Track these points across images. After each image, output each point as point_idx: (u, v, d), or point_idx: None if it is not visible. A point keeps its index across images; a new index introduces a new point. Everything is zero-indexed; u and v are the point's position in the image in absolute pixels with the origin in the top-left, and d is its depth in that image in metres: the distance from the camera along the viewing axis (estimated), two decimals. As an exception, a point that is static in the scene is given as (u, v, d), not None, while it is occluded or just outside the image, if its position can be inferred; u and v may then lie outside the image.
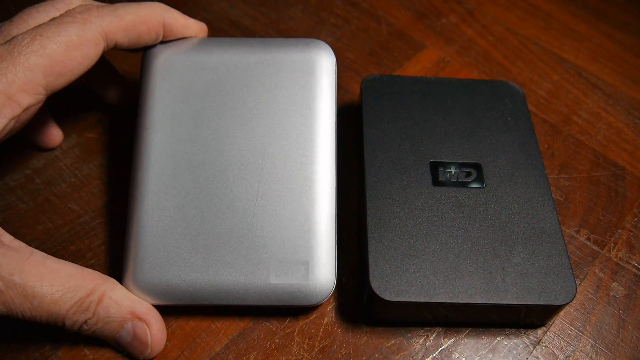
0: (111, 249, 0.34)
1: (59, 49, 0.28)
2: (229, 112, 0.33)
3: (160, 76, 0.33)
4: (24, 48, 0.27)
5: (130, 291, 0.30)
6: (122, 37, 0.31)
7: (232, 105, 0.33)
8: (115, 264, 0.33)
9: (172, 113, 0.33)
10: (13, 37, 0.28)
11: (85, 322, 0.27)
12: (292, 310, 0.32)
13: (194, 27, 0.34)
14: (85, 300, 0.27)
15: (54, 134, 0.38)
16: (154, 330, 0.29)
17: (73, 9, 0.30)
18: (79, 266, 0.28)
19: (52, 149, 0.38)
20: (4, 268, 0.25)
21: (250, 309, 0.32)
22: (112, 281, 0.29)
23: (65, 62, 0.28)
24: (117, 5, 0.31)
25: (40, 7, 0.31)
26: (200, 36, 0.35)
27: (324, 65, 0.34)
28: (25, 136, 0.37)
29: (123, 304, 0.28)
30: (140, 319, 0.29)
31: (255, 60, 0.34)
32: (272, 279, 0.30)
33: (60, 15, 0.29)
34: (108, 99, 0.39)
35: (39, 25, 0.28)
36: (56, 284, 0.26)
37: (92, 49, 0.29)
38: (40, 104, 0.29)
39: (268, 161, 0.32)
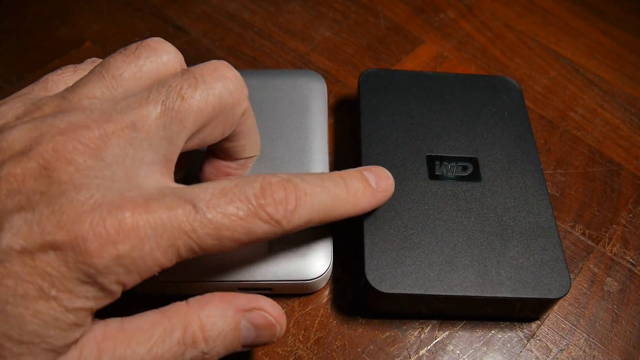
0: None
1: None
2: None
3: None
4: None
5: None
6: None
7: None
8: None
9: None
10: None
11: (204, 354, 0.24)
12: (288, 300, 0.32)
13: None
14: (185, 337, 0.24)
15: None
16: (269, 308, 0.26)
17: None
18: (157, 310, 0.25)
19: None
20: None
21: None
22: (196, 300, 0.25)
23: None
24: None
25: (65, 72, 0.28)
26: None
27: (315, 87, 0.38)
28: None
29: (225, 310, 0.25)
30: (248, 310, 0.25)
31: (257, 83, 0.38)
32: (269, 255, 0.30)
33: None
34: None
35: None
36: (144, 340, 0.23)
37: None
38: None
39: (266, 156, 0.34)
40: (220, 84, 0.26)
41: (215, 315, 0.24)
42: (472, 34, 0.47)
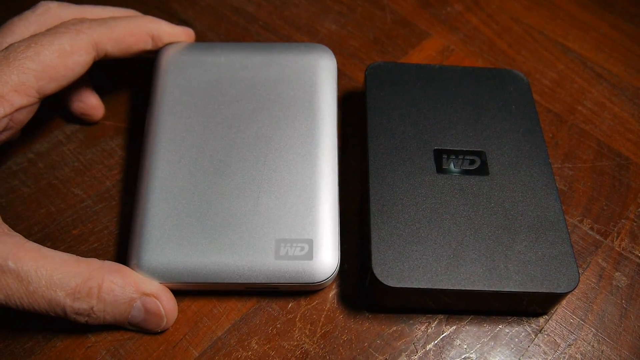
0: (114, 234, 0.34)
1: (52, 55, 0.30)
2: (235, 105, 0.35)
3: (171, 72, 0.36)
4: (19, 54, 0.29)
5: (136, 271, 0.30)
6: (112, 47, 0.33)
7: (239, 98, 0.35)
8: (118, 248, 0.33)
9: (182, 105, 0.35)
10: (10, 45, 0.30)
11: (92, 309, 0.27)
12: (295, 295, 0.32)
13: (181, 34, 0.37)
14: (83, 286, 0.27)
15: (97, 107, 0.38)
16: (164, 301, 0.29)
17: (67, 21, 0.32)
18: (74, 255, 0.28)
19: (95, 122, 0.39)
20: None
21: (255, 292, 0.32)
22: (110, 265, 0.29)
23: (57, 68, 0.30)
24: (109, 18, 0.34)
25: (23, 16, 0.33)
26: (188, 41, 0.38)
27: (324, 65, 0.36)
28: (70, 111, 0.38)
29: (127, 284, 0.28)
30: (147, 294, 0.29)
31: (262, 59, 0.36)
32: (277, 257, 0.30)
33: (55, 27, 0.32)
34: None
35: (35, 35, 0.31)
36: (51, 269, 0.26)
37: (83, 56, 0.32)
38: (33, 106, 0.31)
39: (273, 147, 0.33)
40: None
41: (117, 284, 0.28)
42: (479, 27, 0.47)
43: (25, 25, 0.33)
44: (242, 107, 0.34)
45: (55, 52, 0.30)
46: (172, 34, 0.37)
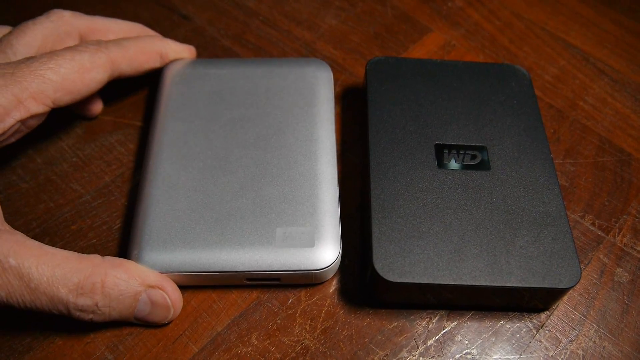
0: (113, 229, 0.34)
1: (71, 70, 0.31)
2: (236, 110, 0.36)
3: (176, 82, 0.37)
4: (42, 64, 0.30)
5: (139, 262, 0.30)
6: (126, 66, 0.35)
7: (240, 104, 0.36)
8: (117, 243, 0.33)
9: (186, 110, 0.36)
10: (32, 57, 0.31)
11: (97, 305, 0.27)
12: (295, 290, 0.32)
13: (185, 51, 0.39)
14: (86, 282, 0.27)
15: (96, 102, 0.39)
16: (170, 291, 0.29)
17: (86, 42, 0.34)
18: (75, 252, 0.28)
19: (94, 118, 0.39)
20: None
21: (255, 286, 0.32)
22: (112, 260, 0.28)
23: (75, 82, 0.32)
24: (122, 39, 0.35)
25: (37, 21, 0.34)
26: (191, 57, 0.40)
27: (321, 76, 0.38)
28: (69, 107, 0.37)
29: (131, 278, 0.28)
30: (152, 286, 0.29)
31: (262, 72, 0.38)
32: (278, 244, 0.30)
33: (75, 45, 0.33)
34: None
35: (56, 50, 0.32)
36: (52, 265, 0.26)
37: (100, 74, 0.33)
38: (44, 116, 0.32)
39: (273, 145, 0.34)
40: None
41: (121, 279, 0.28)
42: (481, 22, 0.47)
43: (39, 29, 0.34)
44: (243, 112, 0.36)
45: (75, 67, 0.31)
46: (177, 51, 0.39)
